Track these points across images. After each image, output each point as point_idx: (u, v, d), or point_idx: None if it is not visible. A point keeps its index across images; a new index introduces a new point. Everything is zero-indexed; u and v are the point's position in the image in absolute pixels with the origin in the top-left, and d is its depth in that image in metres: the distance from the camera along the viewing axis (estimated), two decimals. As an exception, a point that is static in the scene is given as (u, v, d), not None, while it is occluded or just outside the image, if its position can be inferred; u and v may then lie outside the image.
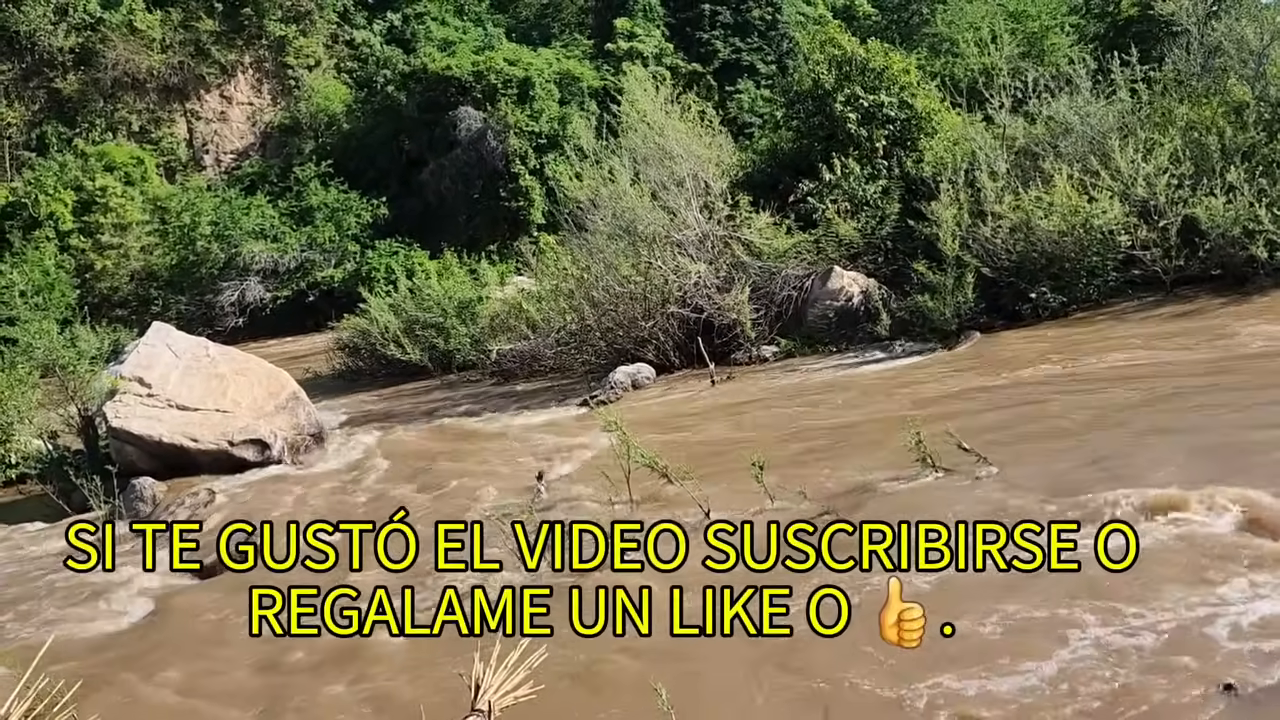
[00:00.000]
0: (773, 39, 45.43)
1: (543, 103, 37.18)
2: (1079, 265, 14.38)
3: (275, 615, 6.67)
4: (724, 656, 5.47)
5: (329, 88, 41.02)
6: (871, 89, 17.77)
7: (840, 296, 15.48)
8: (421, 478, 10.97)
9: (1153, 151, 14.53)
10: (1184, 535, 5.90)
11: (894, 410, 10.46)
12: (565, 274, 17.34)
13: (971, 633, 5.18)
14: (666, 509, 8.16)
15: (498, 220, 36.06)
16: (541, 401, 14.84)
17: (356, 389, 18.75)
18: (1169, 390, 9.45)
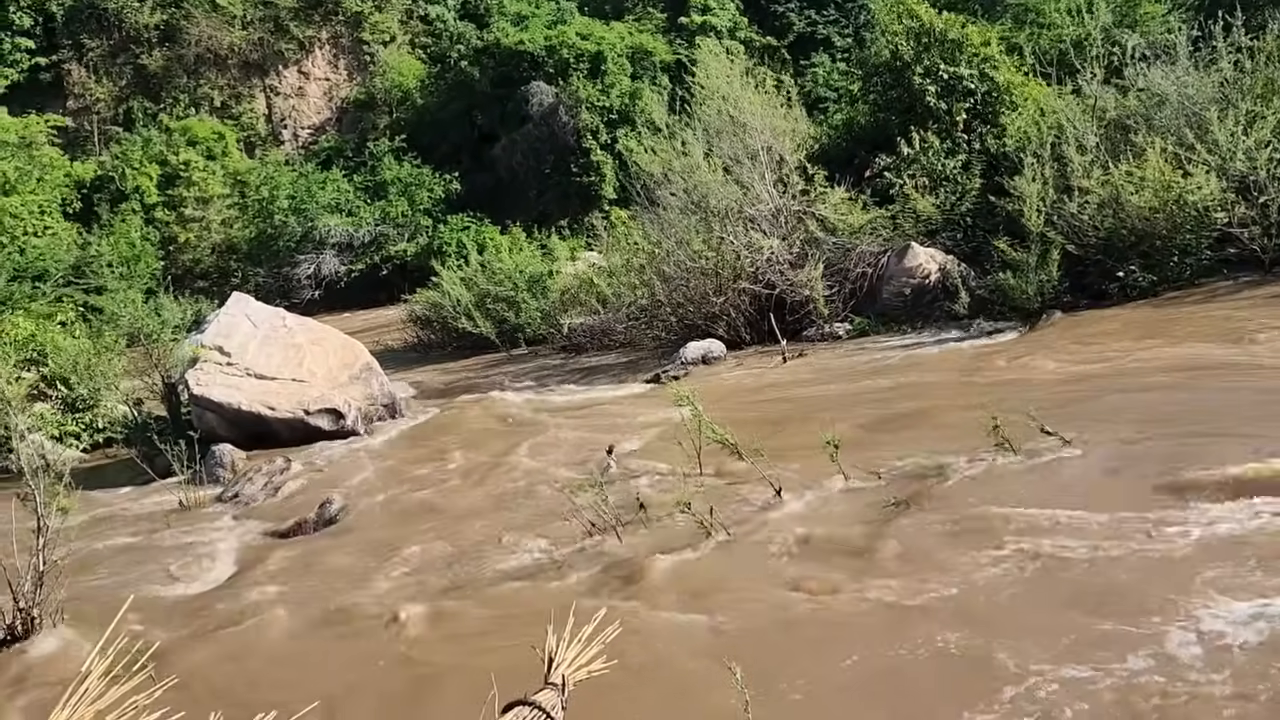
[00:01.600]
0: (849, 11, 44.50)
1: (614, 77, 37.01)
2: (1170, 243, 13.79)
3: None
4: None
5: (403, 63, 41.40)
6: (951, 61, 17.27)
7: (917, 274, 15.11)
8: (490, 449, 11.00)
9: (1254, 124, 13.84)
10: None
11: (970, 390, 10.17)
12: (636, 249, 17.26)
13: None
14: (737, 485, 8.05)
15: (569, 195, 36.08)
16: (611, 376, 14.80)
17: (428, 361, 18.95)
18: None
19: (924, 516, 6.60)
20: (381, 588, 7.09)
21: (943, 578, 5.67)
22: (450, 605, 6.46)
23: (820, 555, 6.35)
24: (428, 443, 11.80)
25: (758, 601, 5.87)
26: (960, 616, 5.19)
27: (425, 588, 6.91)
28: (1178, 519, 5.87)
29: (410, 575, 7.27)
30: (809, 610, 5.63)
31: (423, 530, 8.25)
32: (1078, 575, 5.42)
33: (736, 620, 5.65)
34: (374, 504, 9.41)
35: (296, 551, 8.54)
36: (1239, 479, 6.20)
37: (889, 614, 5.40)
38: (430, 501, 9.33)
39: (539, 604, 6.01)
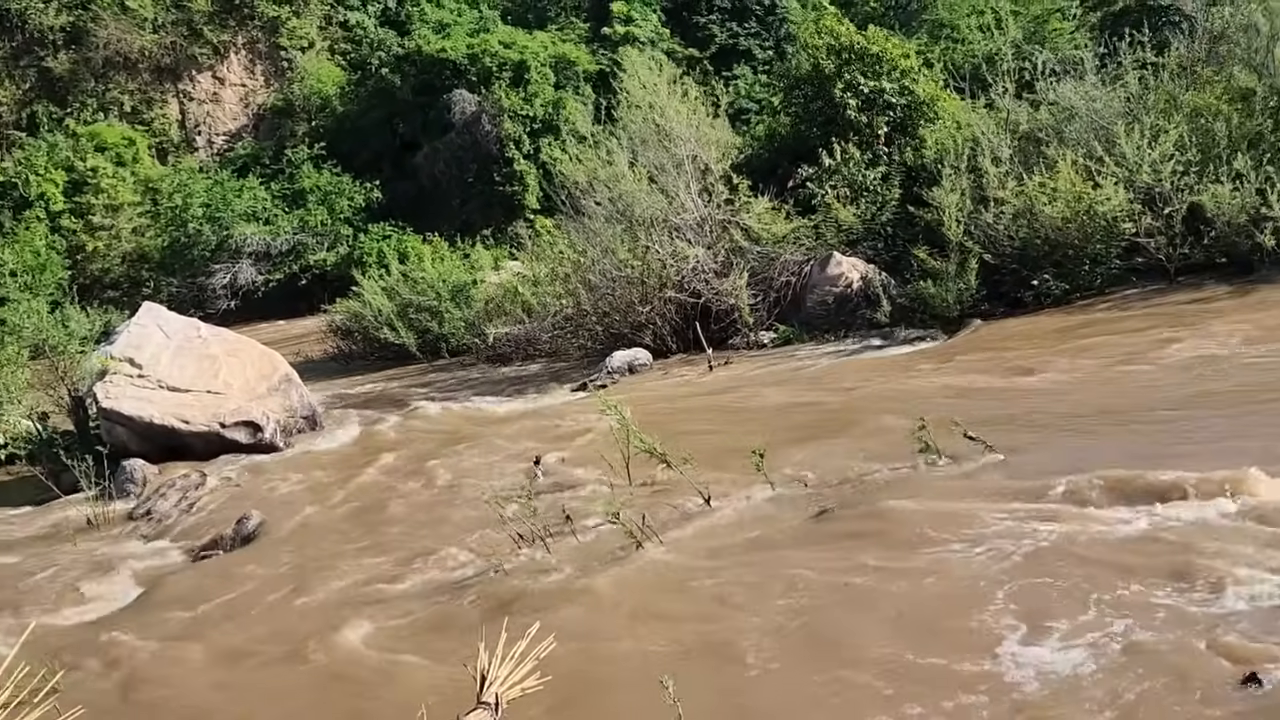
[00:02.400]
0: (770, 24, 45.08)
1: (538, 86, 36.84)
2: (1082, 253, 14.22)
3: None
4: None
5: (322, 70, 40.64)
6: (872, 75, 17.60)
7: (840, 283, 15.31)
8: (414, 461, 10.80)
9: (1159, 138, 14.37)
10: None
11: (894, 397, 10.31)
12: (561, 258, 17.16)
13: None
14: (665, 494, 8.02)
15: (492, 204, 35.77)
16: (537, 386, 14.67)
17: (349, 372, 18.57)
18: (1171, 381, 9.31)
19: (849, 523, 6.64)
20: (304, 608, 6.88)
21: (869, 583, 5.70)
22: (376, 624, 6.29)
23: (748, 563, 6.34)
24: (350, 456, 11.54)
25: (686, 611, 5.83)
26: (895, 628, 5.22)
27: (350, 606, 6.71)
28: (1097, 519, 6.01)
29: (334, 594, 7.07)
30: (736, 621, 5.61)
31: (346, 546, 8.04)
32: (994, 578, 5.51)
33: (666, 631, 5.61)
34: (295, 520, 9.14)
35: (213, 570, 8.26)
36: (1149, 483, 6.36)
37: (818, 620, 5.41)
38: (353, 516, 9.11)
39: (468, 619, 5.90)
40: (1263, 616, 4.64)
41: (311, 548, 8.24)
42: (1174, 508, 5.98)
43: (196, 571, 8.39)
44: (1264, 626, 4.55)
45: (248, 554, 8.53)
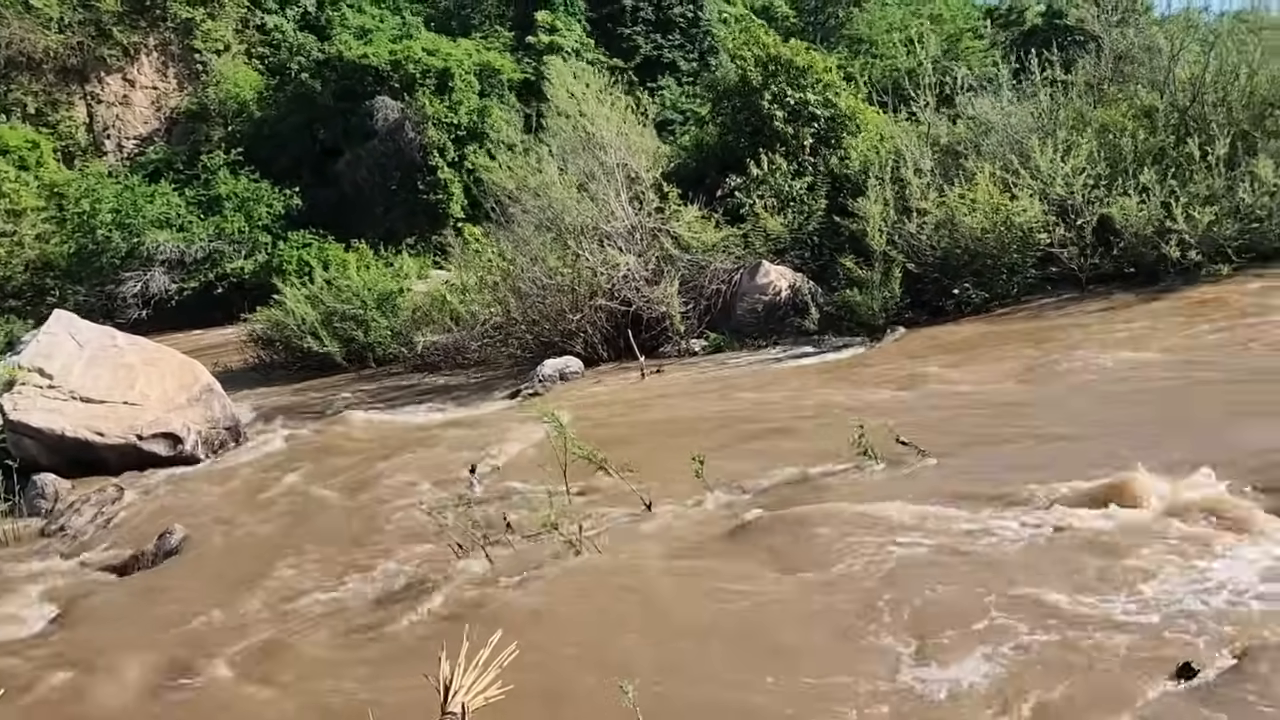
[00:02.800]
0: (694, 36, 45.54)
1: (462, 94, 36.55)
2: (1000, 262, 14.66)
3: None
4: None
5: (239, 74, 39.64)
6: (796, 87, 17.91)
7: (768, 291, 15.51)
8: (344, 472, 10.59)
9: (1070, 152, 14.90)
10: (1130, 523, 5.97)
11: (825, 404, 10.47)
12: (490, 266, 17.03)
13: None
14: (605, 502, 8.01)
15: (415, 213, 35.32)
16: (467, 395, 14.53)
17: (272, 382, 18.12)
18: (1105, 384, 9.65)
19: (784, 530, 6.71)
20: (232, 624, 6.67)
21: (810, 582, 5.78)
22: (321, 638, 6.14)
23: (686, 571, 6.37)
24: (276, 467, 11.25)
25: (627, 618, 5.83)
26: (819, 635, 5.30)
27: (281, 622, 6.54)
28: (1023, 524, 6.18)
29: (263, 609, 6.88)
30: (682, 623, 5.63)
31: (275, 559, 7.83)
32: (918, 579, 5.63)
33: (609, 638, 5.60)
34: (220, 534, 8.88)
35: (135, 588, 7.97)
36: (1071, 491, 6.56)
37: (759, 619, 5.46)
38: (281, 528, 8.89)
39: (408, 631, 5.80)
40: (1179, 613, 4.83)
41: (239, 562, 8.01)
42: (1096, 510, 6.19)
43: (117, 589, 8.08)
44: (1182, 621, 4.73)
45: (171, 570, 8.26)
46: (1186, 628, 4.66)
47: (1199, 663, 4.28)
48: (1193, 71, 16.17)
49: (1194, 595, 4.97)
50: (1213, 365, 9.57)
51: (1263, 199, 14.00)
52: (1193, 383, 9.01)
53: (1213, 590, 4.99)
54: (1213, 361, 9.74)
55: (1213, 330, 11.25)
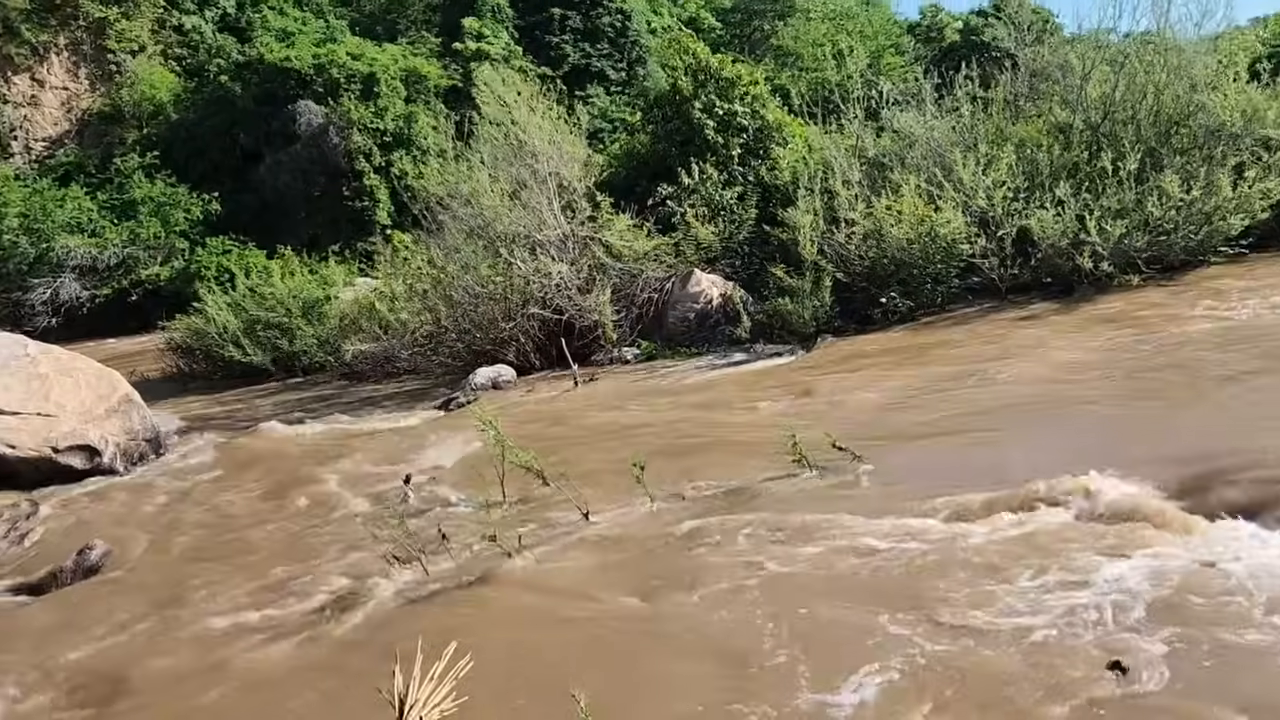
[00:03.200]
0: (623, 46, 45.77)
1: (388, 100, 36.18)
2: (925, 272, 15.02)
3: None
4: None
5: (155, 75, 38.64)
6: (725, 98, 18.12)
7: (700, 299, 15.65)
8: (271, 484, 10.37)
9: (990, 166, 15.36)
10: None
11: (759, 411, 10.61)
12: (420, 274, 16.86)
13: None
14: (543, 510, 7.99)
15: (341, 219, 34.83)
16: (398, 404, 14.35)
17: (192, 392, 17.67)
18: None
19: (728, 534, 6.79)
20: (158, 644, 6.47)
21: (752, 593, 5.85)
22: (258, 654, 5.98)
23: (631, 578, 6.39)
24: (200, 479, 10.96)
25: (566, 632, 5.82)
26: (775, 638, 5.37)
27: (210, 640, 6.36)
28: (944, 530, 6.36)
29: (190, 627, 6.68)
30: (622, 633, 5.65)
31: (205, 574, 7.63)
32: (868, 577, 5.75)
33: (550, 649, 5.59)
34: (143, 549, 8.62)
35: (52, 607, 7.67)
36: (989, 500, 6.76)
37: (699, 631, 5.51)
38: (207, 543, 8.66)
39: (360, 647, 5.70)
40: (1114, 612, 5.01)
41: (165, 577, 7.78)
42: (1024, 512, 6.39)
43: (31, 609, 7.78)
44: (1116, 622, 4.91)
45: (92, 588, 7.98)
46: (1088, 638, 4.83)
47: (1127, 661, 4.44)
48: (1103, 90, 16.80)
49: (1100, 601, 5.14)
50: (1117, 368, 9.94)
51: (1170, 212, 14.61)
52: (1099, 386, 9.35)
53: (1116, 600, 5.15)
54: (1118, 365, 10.11)
55: (1120, 336, 11.68)
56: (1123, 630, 4.80)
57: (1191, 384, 8.83)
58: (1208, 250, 14.90)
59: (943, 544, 6.08)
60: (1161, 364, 9.98)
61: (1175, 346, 10.53)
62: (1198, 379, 8.95)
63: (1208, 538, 5.69)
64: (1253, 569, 5.22)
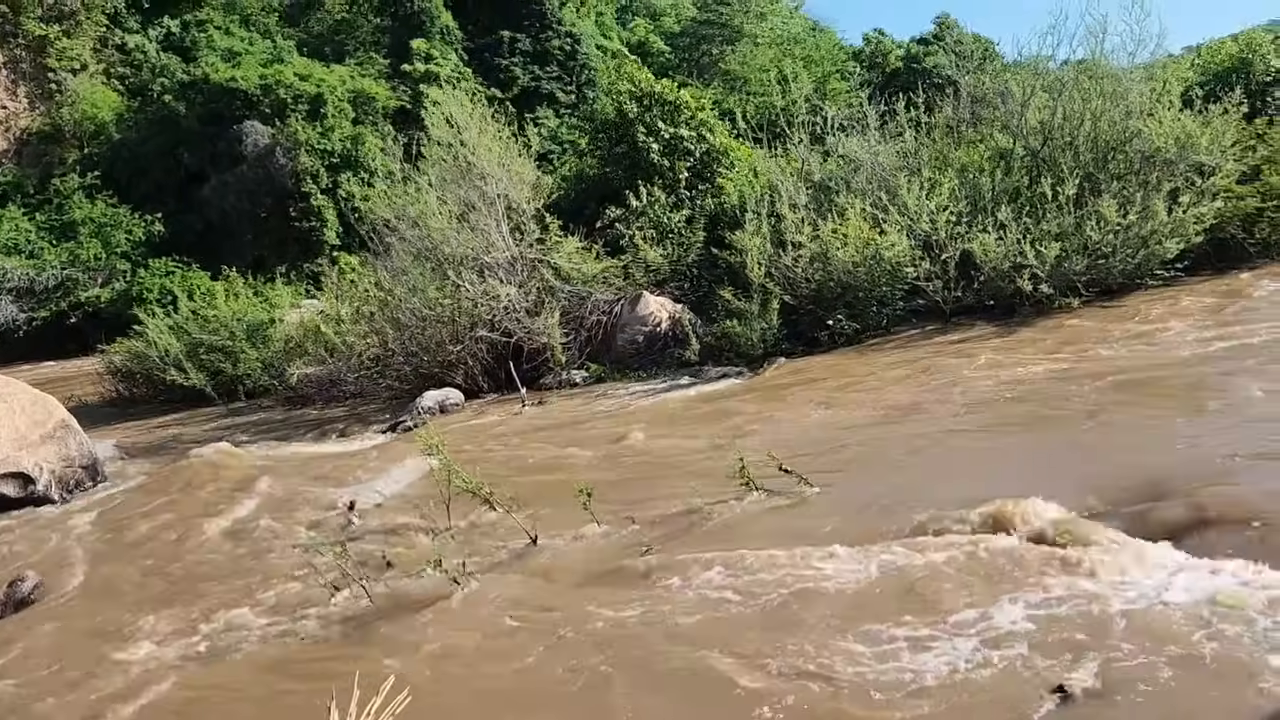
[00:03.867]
0: (572, 69, 45.98)
1: (335, 120, 35.93)
2: (871, 295, 15.22)
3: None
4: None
5: (97, 94, 37.98)
6: (671, 122, 18.27)
7: (649, 322, 15.70)
8: (212, 511, 10.15)
9: (934, 190, 15.64)
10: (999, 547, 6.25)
11: (709, 434, 10.63)
12: (367, 296, 16.70)
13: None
14: (489, 536, 7.92)
15: (287, 241, 34.44)
16: (343, 428, 14.17)
17: (134, 417, 17.29)
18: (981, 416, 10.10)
19: (676, 557, 6.78)
20: (92, 681, 6.28)
21: (681, 628, 5.85)
22: (196, 688, 5.84)
23: (579, 601, 6.36)
24: (140, 507, 10.69)
25: (511, 661, 5.76)
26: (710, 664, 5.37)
27: (147, 675, 6.19)
28: (894, 556, 6.41)
29: (133, 661, 6.49)
30: (571, 662, 5.61)
31: (143, 605, 7.43)
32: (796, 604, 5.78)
33: (495, 680, 5.53)
34: (78, 580, 8.38)
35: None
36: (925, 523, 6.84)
37: (647, 667, 5.49)
38: (146, 573, 8.44)
39: (299, 679, 5.59)
40: (1045, 636, 5.09)
41: (101, 610, 7.57)
42: (964, 538, 6.47)
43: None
44: (1051, 646, 4.98)
45: (23, 621, 7.73)
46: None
47: (1070, 684, 4.50)
48: (1042, 116, 17.21)
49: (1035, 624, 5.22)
50: (1051, 393, 10.13)
51: (1107, 236, 14.97)
52: (1039, 408, 9.53)
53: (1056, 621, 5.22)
54: (1048, 389, 10.30)
55: (1058, 358, 11.91)
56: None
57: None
58: (1144, 274, 15.28)
59: (865, 573, 6.14)
60: (1090, 386, 10.20)
61: (1111, 370, 10.80)
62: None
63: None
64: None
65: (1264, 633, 4.75)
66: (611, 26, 55.88)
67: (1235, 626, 4.83)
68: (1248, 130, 17.38)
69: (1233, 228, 16.20)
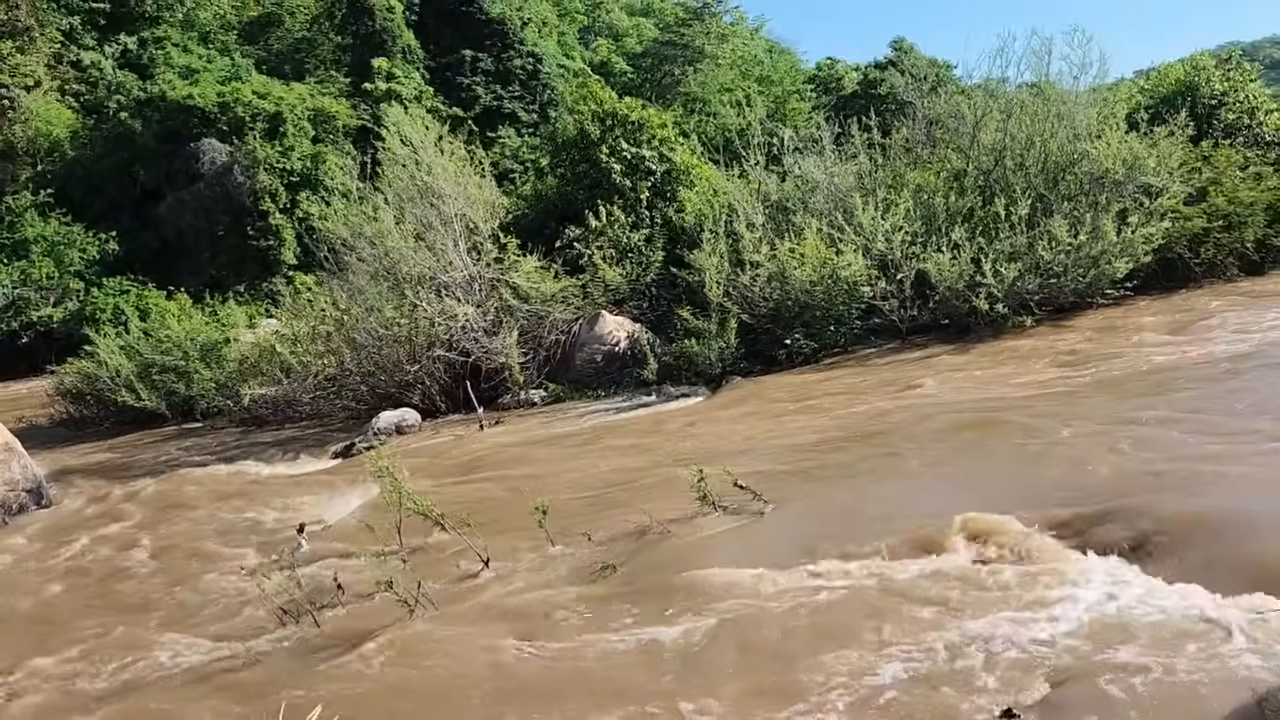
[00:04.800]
0: (534, 88, 45.98)
1: (295, 139, 35.60)
2: (828, 314, 15.31)
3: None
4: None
5: (51, 111, 37.39)
6: (633, 141, 18.31)
7: (608, 341, 15.68)
8: (158, 535, 9.97)
9: (889, 210, 15.79)
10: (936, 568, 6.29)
11: (666, 453, 10.61)
12: (323, 316, 16.52)
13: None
14: (442, 560, 7.83)
15: (244, 260, 34.03)
16: (298, 450, 13.97)
17: (82, 439, 16.96)
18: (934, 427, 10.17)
19: (626, 583, 6.74)
20: (33, 706, 6.13)
21: (634, 653, 5.82)
22: (131, 716, 5.70)
23: (531, 622, 6.30)
24: (84, 532, 10.45)
25: (467, 677, 5.71)
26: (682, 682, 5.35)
27: (92, 702, 6.04)
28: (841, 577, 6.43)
29: (68, 688, 6.34)
30: (516, 682, 5.56)
31: (82, 632, 7.26)
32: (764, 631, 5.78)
33: (449, 699, 5.46)
34: (15, 608, 8.18)
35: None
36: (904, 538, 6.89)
37: (597, 674, 5.46)
38: (89, 597, 8.27)
39: (241, 707, 5.47)
40: (1004, 660, 5.12)
41: (38, 638, 7.37)
42: (913, 560, 6.50)
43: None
44: (1008, 669, 5.00)
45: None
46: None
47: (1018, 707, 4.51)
48: (995, 138, 17.48)
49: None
50: (1006, 406, 10.25)
51: (1059, 256, 15.21)
52: (993, 423, 9.64)
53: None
54: (1004, 401, 10.43)
55: (1012, 375, 12.08)
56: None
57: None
58: (1095, 292, 15.53)
59: (823, 593, 6.15)
60: (1043, 400, 10.34)
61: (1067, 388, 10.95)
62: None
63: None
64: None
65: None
66: (574, 46, 56.06)
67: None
68: (1194, 152, 17.77)
69: (1180, 247, 16.53)
